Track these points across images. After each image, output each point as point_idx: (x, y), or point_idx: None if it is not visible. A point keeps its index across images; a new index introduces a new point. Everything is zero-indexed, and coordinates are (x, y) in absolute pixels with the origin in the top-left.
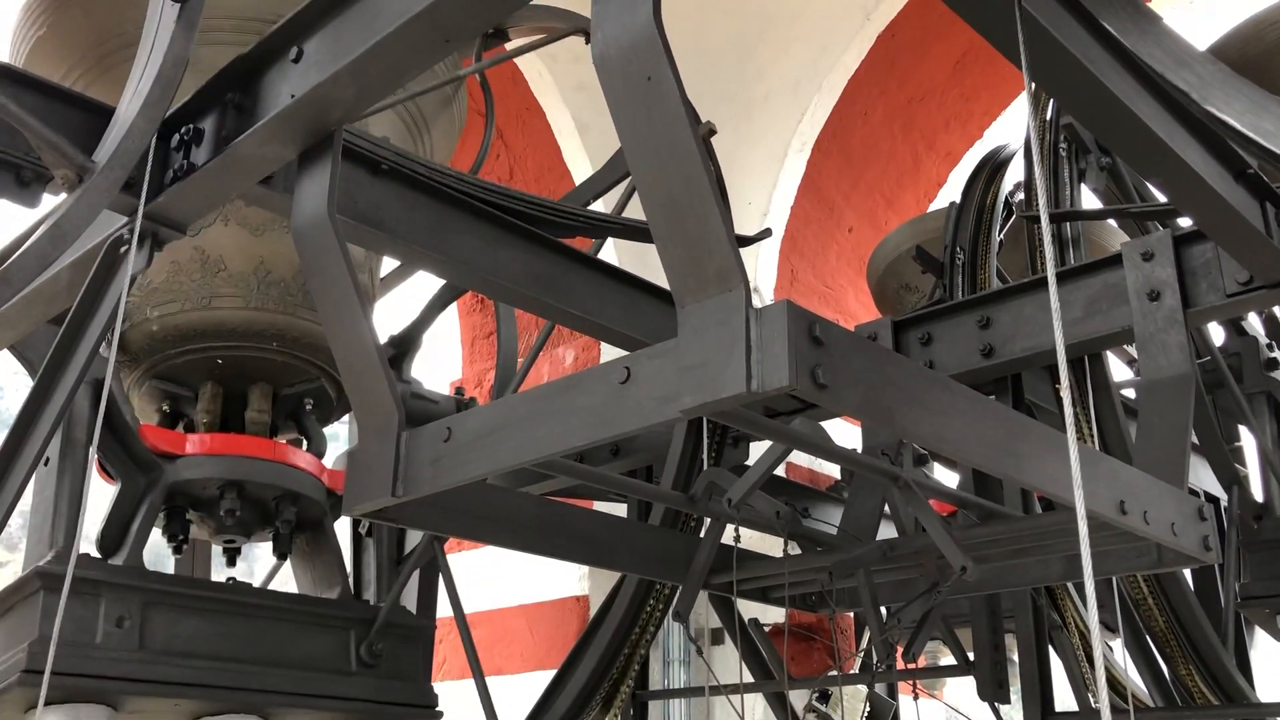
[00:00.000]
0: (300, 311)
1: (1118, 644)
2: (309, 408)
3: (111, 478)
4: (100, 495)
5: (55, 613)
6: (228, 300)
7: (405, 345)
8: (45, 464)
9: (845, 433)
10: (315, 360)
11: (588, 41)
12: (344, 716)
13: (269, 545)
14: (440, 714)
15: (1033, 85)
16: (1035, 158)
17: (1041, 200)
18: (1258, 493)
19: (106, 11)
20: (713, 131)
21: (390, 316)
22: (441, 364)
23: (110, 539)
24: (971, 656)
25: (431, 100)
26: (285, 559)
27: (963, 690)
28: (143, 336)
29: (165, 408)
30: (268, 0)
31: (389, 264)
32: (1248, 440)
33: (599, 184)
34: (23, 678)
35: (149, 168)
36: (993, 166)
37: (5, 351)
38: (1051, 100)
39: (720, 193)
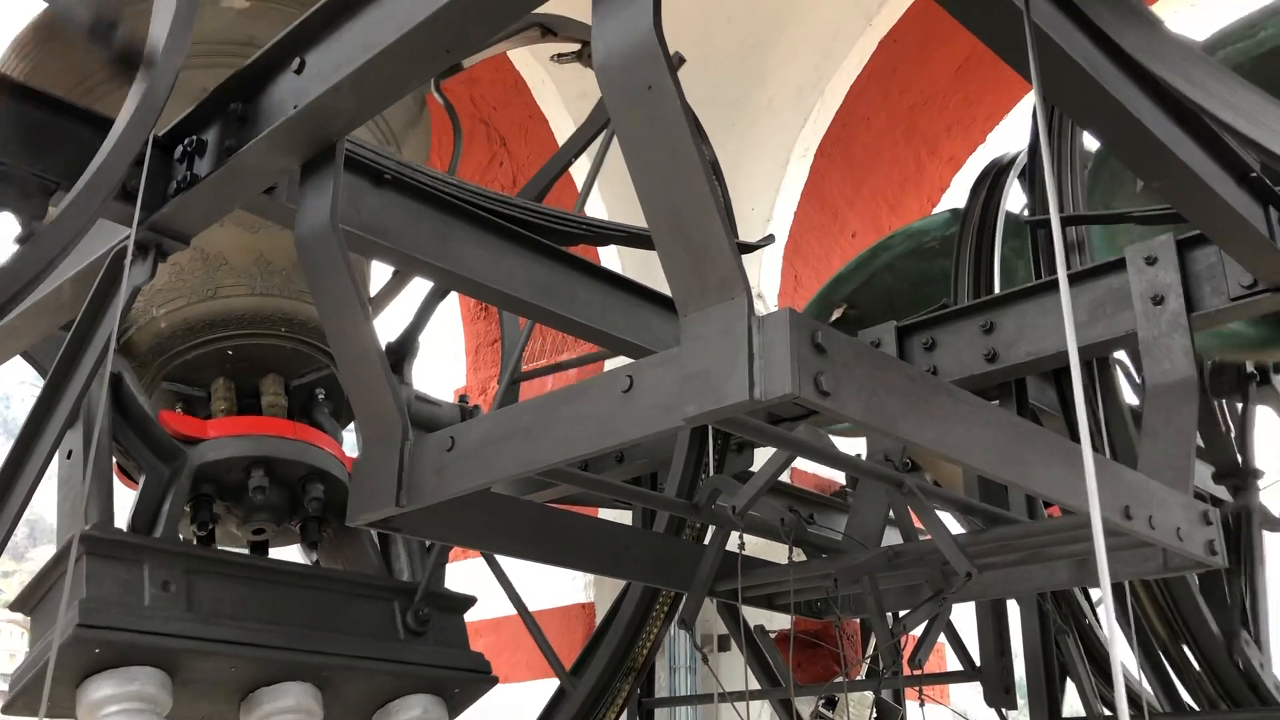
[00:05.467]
0: (305, 297)
1: (1124, 648)
2: (320, 398)
3: (133, 480)
4: (122, 503)
5: (101, 576)
6: (232, 289)
7: (403, 350)
8: (69, 457)
9: (850, 439)
10: (323, 345)
11: (545, 34)
12: (398, 681)
13: (294, 550)
14: (495, 679)
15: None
16: (1046, 164)
17: (1052, 204)
18: None
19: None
20: (681, 60)
21: (383, 321)
22: (445, 371)
23: (141, 525)
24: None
25: (399, 119)
26: (315, 547)
27: (969, 696)
28: (150, 336)
29: (179, 410)
30: (239, 24)
31: (381, 278)
32: None
33: (578, 142)
34: (78, 632)
35: (144, 178)
36: (997, 172)
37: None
38: None
39: (722, 200)
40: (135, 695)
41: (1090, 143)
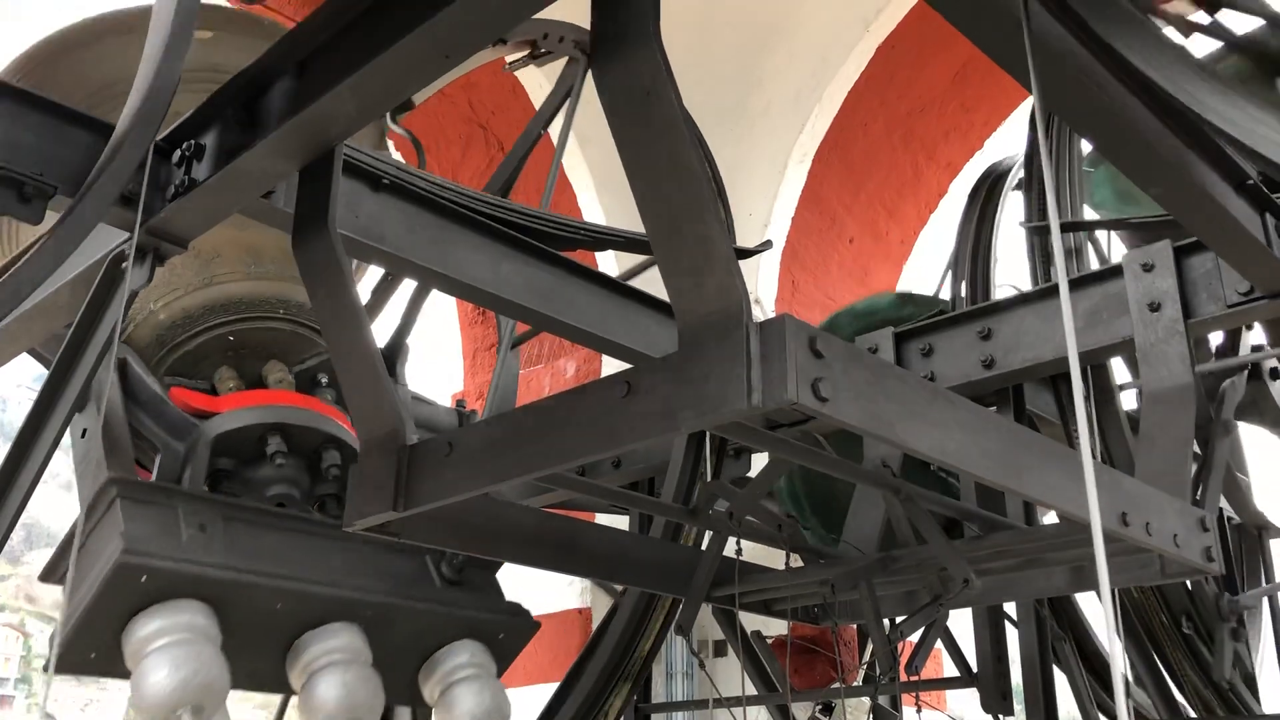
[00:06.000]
0: (301, 280)
1: (1120, 655)
2: (324, 383)
3: (147, 470)
4: None
5: (137, 516)
6: (227, 276)
7: (393, 352)
8: (83, 435)
9: None
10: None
11: (496, 43)
12: (442, 624)
13: None
14: (538, 624)
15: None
16: (1045, 171)
17: (1051, 210)
18: None
19: (83, 71)
20: None
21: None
22: (442, 376)
23: None
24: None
25: (365, 144)
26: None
27: (966, 702)
28: (150, 330)
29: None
30: (203, 53)
31: (370, 282)
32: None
33: (549, 111)
34: (123, 559)
35: (145, 181)
36: (995, 178)
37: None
38: None
39: (720, 205)
40: (186, 626)
41: (1089, 146)
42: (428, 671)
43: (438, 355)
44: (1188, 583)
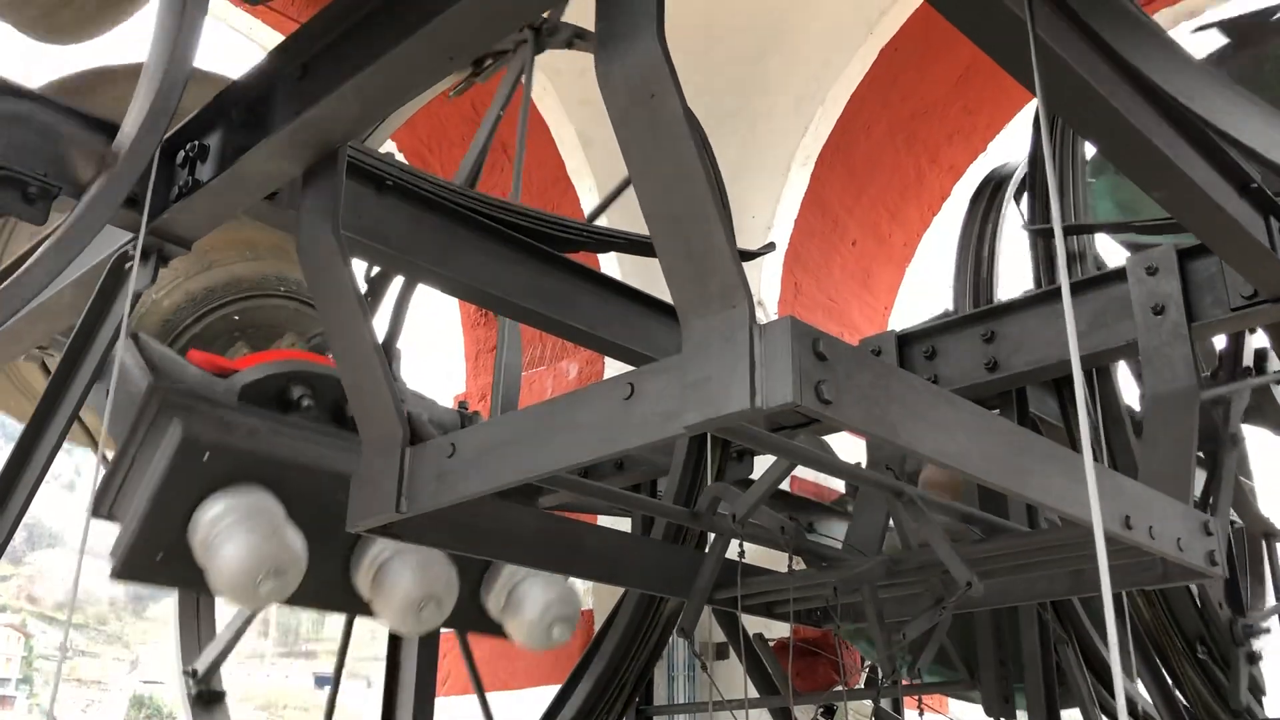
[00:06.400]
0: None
1: (1117, 657)
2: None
3: None
4: None
5: (189, 417)
6: (226, 260)
7: (387, 353)
8: (106, 397)
9: (850, 446)
10: None
11: (478, 72)
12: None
13: None
14: None
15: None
16: (1049, 174)
17: (1055, 214)
18: None
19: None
20: None
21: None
22: (445, 377)
23: None
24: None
25: None
26: None
27: (968, 705)
28: (156, 318)
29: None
30: None
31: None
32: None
33: (505, 90)
34: (185, 437)
35: (151, 183)
36: (997, 182)
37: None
38: None
39: (723, 208)
40: (253, 504)
41: (1092, 149)
42: (489, 582)
43: (439, 356)
44: (1199, 604)
